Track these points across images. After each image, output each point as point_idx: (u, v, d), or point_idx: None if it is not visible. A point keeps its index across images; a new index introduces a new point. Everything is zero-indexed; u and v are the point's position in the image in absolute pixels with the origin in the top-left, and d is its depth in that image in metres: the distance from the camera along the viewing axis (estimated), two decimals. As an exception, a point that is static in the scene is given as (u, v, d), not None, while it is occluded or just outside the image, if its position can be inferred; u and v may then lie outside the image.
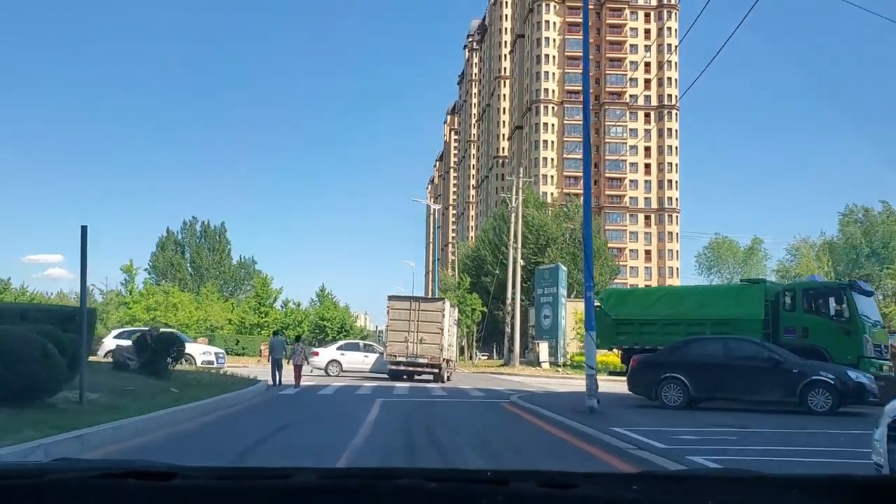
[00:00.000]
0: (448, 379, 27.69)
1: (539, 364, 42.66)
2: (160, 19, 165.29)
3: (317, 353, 29.97)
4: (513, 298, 46.79)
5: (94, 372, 16.23)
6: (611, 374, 21.93)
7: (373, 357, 28.91)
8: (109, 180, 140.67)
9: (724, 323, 16.68)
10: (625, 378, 17.51)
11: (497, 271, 53.51)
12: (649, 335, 17.99)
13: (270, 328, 62.18)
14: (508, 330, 48.32)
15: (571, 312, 46.87)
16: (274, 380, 21.27)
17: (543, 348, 43.49)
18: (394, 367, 26.67)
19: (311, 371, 29.44)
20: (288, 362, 21.95)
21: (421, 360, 26.21)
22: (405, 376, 26.88)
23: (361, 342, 32.54)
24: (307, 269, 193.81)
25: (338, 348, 29.95)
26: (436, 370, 26.37)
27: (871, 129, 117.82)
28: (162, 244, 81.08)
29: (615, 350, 19.54)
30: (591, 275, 13.20)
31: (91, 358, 22.35)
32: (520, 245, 47.95)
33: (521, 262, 47.26)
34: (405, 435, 10.74)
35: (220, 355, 27.93)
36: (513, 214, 48.47)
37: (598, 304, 19.37)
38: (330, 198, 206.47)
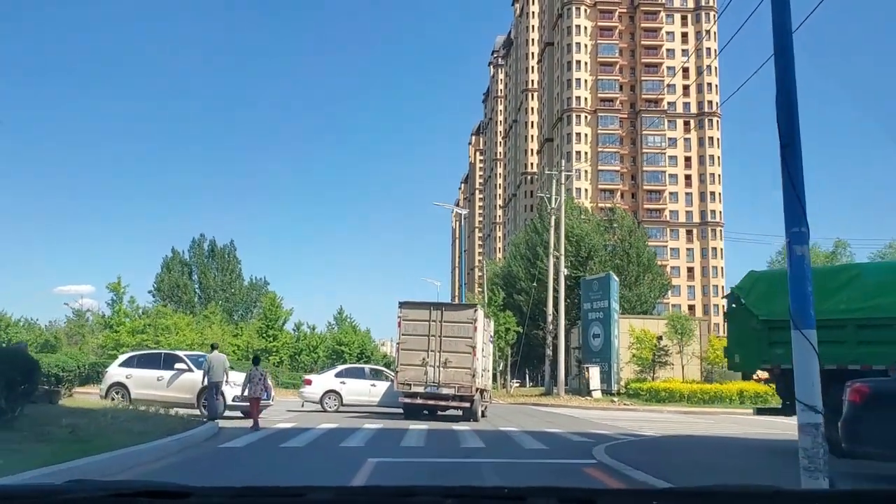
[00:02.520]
0: (483, 415, 20.45)
1: (590, 393, 35.09)
2: (165, 29, 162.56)
3: (309, 382, 22.99)
4: (555, 315, 39.37)
5: None
6: (760, 411, 14.33)
7: (382, 386, 21.78)
8: (115, 196, 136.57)
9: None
10: (779, 417, 10.26)
11: (534, 284, 46.13)
12: (831, 346, 10.48)
13: (280, 354, 55.37)
14: (549, 352, 40.87)
15: (626, 331, 39.37)
16: (212, 414, 14.56)
17: (595, 374, 35.92)
18: (408, 401, 19.41)
19: (303, 405, 22.54)
20: (242, 394, 15.11)
21: (445, 391, 18.93)
22: (425, 412, 19.76)
23: (367, 367, 25.18)
24: (325, 293, 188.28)
25: (336, 375, 22.73)
26: (466, 404, 19.09)
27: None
28: (167, 265, 75.72)
29: (756, 374, 11.78)
30: (804, 207, 6.09)
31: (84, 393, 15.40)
32: (562, 253, 40.59)
33: (564, 271, 39.87)
34: None
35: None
36: (552, 217, 41.24)
37: (735, 299, 12.09)
38: (349, 220, 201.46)
